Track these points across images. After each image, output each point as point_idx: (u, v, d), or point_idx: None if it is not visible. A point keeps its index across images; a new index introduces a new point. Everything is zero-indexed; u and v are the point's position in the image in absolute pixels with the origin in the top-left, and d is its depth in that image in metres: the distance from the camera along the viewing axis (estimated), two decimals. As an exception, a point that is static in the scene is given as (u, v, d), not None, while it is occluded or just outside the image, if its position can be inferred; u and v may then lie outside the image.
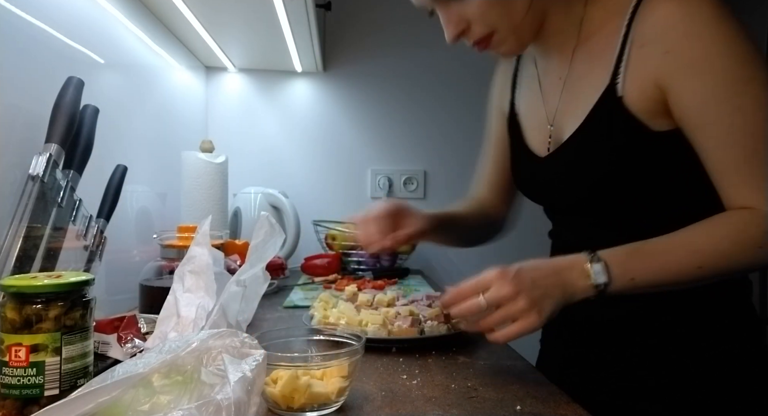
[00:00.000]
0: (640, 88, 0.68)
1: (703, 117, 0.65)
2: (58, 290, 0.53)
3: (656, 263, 0.65)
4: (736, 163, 0.64)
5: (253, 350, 0.47)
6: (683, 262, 0.65)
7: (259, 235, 0.61)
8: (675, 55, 0.65)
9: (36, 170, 0.73)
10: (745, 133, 0.63)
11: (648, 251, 0.66)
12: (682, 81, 0.65)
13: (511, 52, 0.78)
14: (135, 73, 1.24)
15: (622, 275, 0.64)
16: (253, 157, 1.87)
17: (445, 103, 1.95)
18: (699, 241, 0.65)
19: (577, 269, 0.65)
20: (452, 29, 0.74)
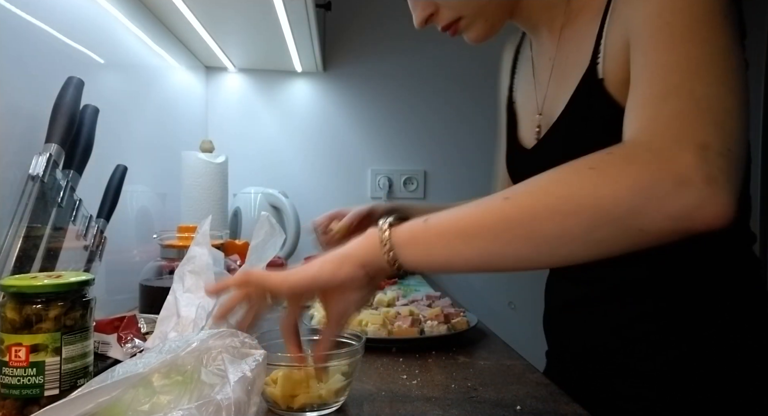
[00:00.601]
0: (615, 59, 0.58)
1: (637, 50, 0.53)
2: (58, 290, 0.53)
3: (459, 207, 0.51)
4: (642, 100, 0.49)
5: (253, 350, 0.47)
6: (488, 198, 0.50)
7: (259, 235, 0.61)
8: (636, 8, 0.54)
9: (36, 170, 0.73)
10: (666, 48, 0.49)
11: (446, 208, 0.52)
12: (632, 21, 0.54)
13: (482, 36, 0.70)
14: (135, 73, 1.24)
15: (414, 219, 0.52)
16: (253, 157, 1.87)
17: (445, 103, 1.95)
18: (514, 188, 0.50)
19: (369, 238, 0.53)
20: (420, 13, 0.70)
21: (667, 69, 0.48)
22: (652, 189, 0.42)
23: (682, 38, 0.49)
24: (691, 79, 0.46)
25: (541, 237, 0.46)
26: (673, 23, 0.49)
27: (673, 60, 0.48)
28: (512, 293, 1.93)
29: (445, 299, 1.03)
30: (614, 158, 0.44)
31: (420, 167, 1.95)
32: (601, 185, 0.43)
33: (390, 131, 1.94)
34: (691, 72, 0.47)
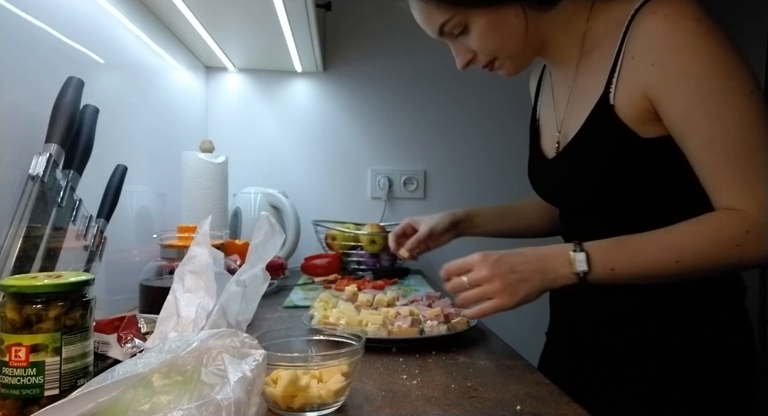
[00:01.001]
0: (630, 98, 0.72)
1: (686, 125, 0.68)
2: (58, 290, 0.53)
3: (636, 255, 0.70)
4: (718, 168, 0.67)
5: (253, 350, 0.47)
6: (661, 255, 0.69)
7: (259, 235, 0.61)
8: (660, 67, 0.68)
9: (36, 170, 0.73)
10: (725, 140, 0.66)
11: (629, 244, 0.71)
12: (667, 92, 0.69)
13: (513, 73, 0.85)
14: (135, 73, 1.24)
15: (602, 265, 0.70)
16: (253, 157, 1.87)
17: (445, 103, 1.95)
18: (678, 236, 0.69)
19: (561, 257, 0.72)
20: (461, 59, 0.84)
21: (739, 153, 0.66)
22: None
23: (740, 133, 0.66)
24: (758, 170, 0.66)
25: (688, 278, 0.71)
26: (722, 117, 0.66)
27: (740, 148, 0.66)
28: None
29: (445, 300, 1.03)
30: (752, 237, 0.65)
31: (420, 167, 1.95)
32: (743, 259, 0.67)
33: (390, 131, 1.94)
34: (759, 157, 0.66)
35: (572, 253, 0.71)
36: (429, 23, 0.82)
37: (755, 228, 0.65)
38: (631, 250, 0.70)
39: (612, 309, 0.81)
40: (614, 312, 0.81)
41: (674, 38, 0.67)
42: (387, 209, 1.92)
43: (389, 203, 1.93)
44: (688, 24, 0.67)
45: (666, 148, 0.71)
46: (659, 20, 0.68)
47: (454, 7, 0.77)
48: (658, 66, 0.69)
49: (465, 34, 0.80)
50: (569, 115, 0.84)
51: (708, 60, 0.66)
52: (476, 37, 0.79)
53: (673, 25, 0.68)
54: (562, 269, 0.72)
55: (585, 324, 0.86)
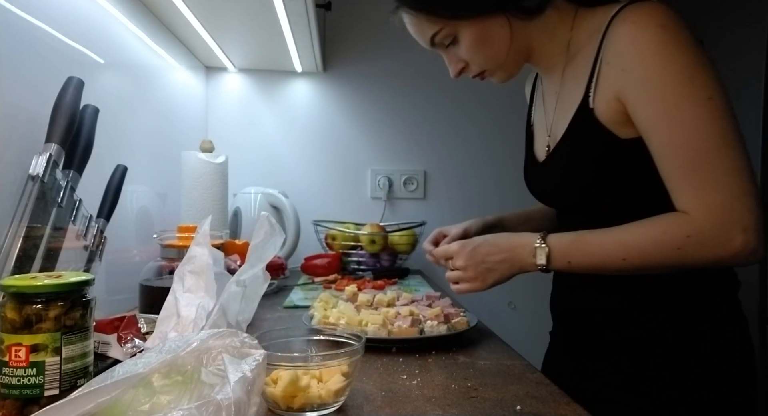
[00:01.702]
0: (606, 101, 0.75)
1: (648, 129, 0.72)
2: (58, 290, 0.53)
3: (590, 250, 0.76)
4: (673, 172, 0.70)
5: (253, 350, 0.47)
6: (611, 253, 0.74)
7: (259, 235, 0.61)
8: (628, 72, 0.72)
9: (36, 170, 0.73)
10: (680, 145, 0.69)
11: (586, 240, 0.77)
12: (634, 96, 0.72)
13: (503, 80, 0.90)
14: (135, 73, 1.24)
15: (560, 259, 0.78)
16: (253, 157, 1.87)
17: (445, 103, 1.95)
18: (628, 236, 0.73)
19: (527, 248, 0.80)
20: (453, 68, 0.90)
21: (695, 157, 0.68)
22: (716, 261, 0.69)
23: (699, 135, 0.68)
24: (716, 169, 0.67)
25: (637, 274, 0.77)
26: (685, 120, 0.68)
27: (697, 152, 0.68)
28: (512, 294, 1.93)
29: (445, 299, 1.03)
30: (692, 242, 0.68)
31: (420, 167, 1.95)
32: (685, 261, 0.70)
33: (390, 131, 1.94)
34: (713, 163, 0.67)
35: (536, 247, 0.79)
36: (420, 35, 0.88)
37: (697, 234, 0.68)
38: (586, 246, 0.76)
39: (609, 307, 0.82)
40: (611, 310, 0.82)
41: (639, 45, 0.70)
42: (387, 209, 1.92)
43: (389, 203, 1.93)
44: (653, 31, 0.69)
45: (642, 148, 0.74)
46: (628, 27, 0.72)
47: (442, 19, 0.82)
48: (626, 71, 0.72)
49: (455, 44, 0.85)
50: (557, 119, 0.87)
51: (669, 67, 0.69)
52: (465, 47, 0.83)
53: (639, 32, 0.70)
54: (527, 260, 0.80)
55: (583, 323, 0.87)
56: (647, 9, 0.71)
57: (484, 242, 0.84)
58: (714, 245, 0.68)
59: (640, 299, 0.80)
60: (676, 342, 0.77)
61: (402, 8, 0.87)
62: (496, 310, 1.91)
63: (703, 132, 0.68)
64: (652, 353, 0.78)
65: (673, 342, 0.77)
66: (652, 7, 0.71)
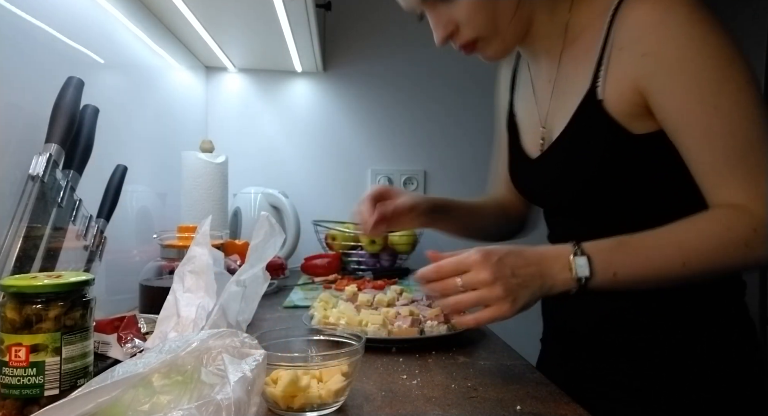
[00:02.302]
0: (619, 91, 0.68)
1: (682, 119, 0.65)
2: (58, 290, 0.53)
3: (640, 258, 0.64)
4: (716, 163, 0.64)
5: (253, 350, 0.47)
6: (668, 258, 0.64)
7: (259, 235, 0.61)
8: (652, 57, 0.65)
9: (36, 170, 0.73)
10: (723, 133, 0.63)
11: (633, 246, 0.65)
12: (660, 84, 0.65)
13: (496, 56, 0.78)
14: (135, 73, 1.24)
15: (604, 270, 0.64)
16: (253, 157, 1.86)
17: (445, 103, 1.95)
18: (685, 237, 0.64)
19: (560, 261, 0.64)
20: (441, 31, 0.75)
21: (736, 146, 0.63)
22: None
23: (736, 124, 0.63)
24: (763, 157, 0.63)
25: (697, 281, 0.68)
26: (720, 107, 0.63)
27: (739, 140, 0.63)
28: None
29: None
30: (761, 236, 0.62)
31: (420, 167, 1.95)
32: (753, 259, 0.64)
33: (390, 131, 1.94)
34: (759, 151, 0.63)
35: (572, 257, 0.64)
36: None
37: (762, 226, 0.62)
38: (635, 253, 0.64)
39: (609, 311, 0.78)
40: (612, 314, 0.78)
41: (666, 27, 0.63)
42: (387, 209, 1.92)
43: (389, 203, 1.93)
44: (681, 11, 0.63)
45: (657, 144, 0.68)
46: (649, 8, 0.65)
47: None
48: (651, 56, 0.65)
49: (450, 1, 0.72)
50: (553, 110, 0.79)
51: (704, 49, 0.63)
52: (466, 4, 0.72)
53: (665, 13, 0.64)
54: (560, 275, 0.64)
55: (582, 328, 0.83)
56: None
57: (509, 252, 0.64)
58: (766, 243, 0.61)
59: (645, 303, 0.75)
60: (682, 346, 0.73)
61: None
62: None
63: (747, 120, 0.62)
64: (657, 357, 0.74)
65: (679, 346, 0.73)
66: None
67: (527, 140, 0.86)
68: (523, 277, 0.63)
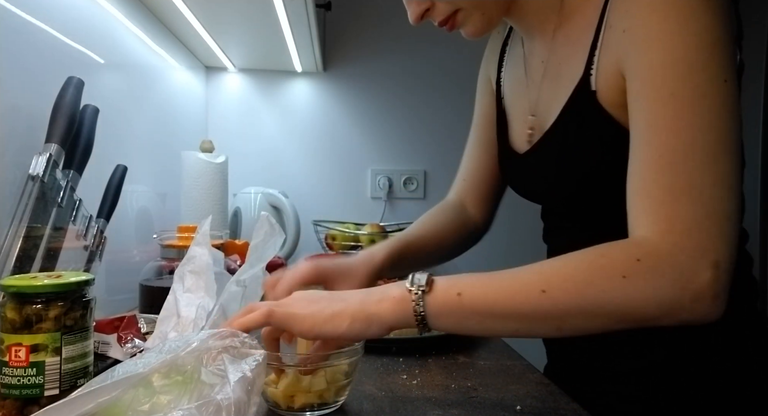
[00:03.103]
0: (608, 78, 0.59)
1: (634, 103, 0.54)
2: (58, 290, 0.53)
3: (493, 280, 0.53)
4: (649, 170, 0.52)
5: (253, 350, 0.47)
6: (524, 282, 0.52)
7: (259, 235, 0.61)
8: (631, 32, 0.55)
9: (36, 170, 0.73)
10: (668, 129, 0.51)
11: (489, 273, 0.54)
12: (631, 60, 0.55)
13: (479, 31, 0.68)
14: (135, 73, 1.24)
15: (447, 287, 0.53)
16: (253, 157, 1.87)
17: (445, 103, 1.95)
18: (549, 264, 0.53)
19: (396, 283, 0.56)
20: (415, 8, 0.67)
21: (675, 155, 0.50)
22: (673, 304, 0.48)
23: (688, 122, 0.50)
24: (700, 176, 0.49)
25: (569, 327, 0.52)
26: (678, 96, 0.51)
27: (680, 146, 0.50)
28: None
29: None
30: (643, 268, 0.49)
31: (420, 167, 1.95)
32: (632, 297, 0.49)
33: (390, 131, 1.94)
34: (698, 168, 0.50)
35: (412, 274, 0.54)
36: None
37: (651, 257, 0.49)
38: (489, 276, 0.54)
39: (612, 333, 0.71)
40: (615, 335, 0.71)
41: None
42: (387, 209, 1.92)
43: (389, 203, 1.93)
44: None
45: None
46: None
47: None
48: (629, 31, 0.55)
49: None
50: (544, 97, 0.70)
51: (683, 26, 0.51)
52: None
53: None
54: (388, 292, 0.55)
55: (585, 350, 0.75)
56: None
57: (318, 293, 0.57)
58: (673, 278, 0.48)
59: None
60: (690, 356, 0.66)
61: None
62: (496, 310, 1.90)
63: (707, 125, 0.50)
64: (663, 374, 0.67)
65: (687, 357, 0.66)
66: None
67: (515, 130, 0.78)
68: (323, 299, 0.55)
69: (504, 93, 0.82)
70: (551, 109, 0.68)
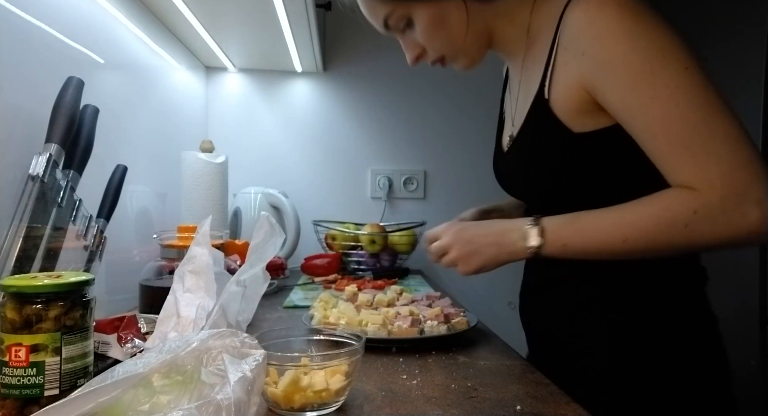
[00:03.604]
0: (566, 90, 0.71)
1: (625, 112, 0.67)
2: (58, 290, 0.53)
3: (587, 232, 0.71)
4: (663, 151, 0.65)
5: (253, 350, 0.47)
6: (610, 233, 0.69)
7: (259, 235, 0.61)
8: (590, 56, 0.67)
9: (36, 170, 0.73)
10: (664, 121, 0.64)
11: (582, 221, 0.71)
12: (601, 80, 0.67)
13: (466, 68, 0.84)
14: (135, 73, 1.24)
15: (555, 241, 0.72)
16: (253, 157, 1.87)
17: (445, 103, 1.95)
18: (627, 216, 0.68)
19: (517, 231, 0.74)
20: (410, 54, 0.85)
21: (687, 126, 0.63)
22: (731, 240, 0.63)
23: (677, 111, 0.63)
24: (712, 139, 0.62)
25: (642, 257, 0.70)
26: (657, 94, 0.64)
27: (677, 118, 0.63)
28: (512, 294, 1.92)
29: (445, 299, 1.03)
30: (700, 218, 0.63)
31: (420, 167, 1.96)
32: (694, 240, 0.64)
33: (390, 131, 1.94)
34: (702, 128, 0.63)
35: (527, 227, 0.73)
36: (374, 17, 0.83)
37: (705, 208, 0.62)
38: (583, 227, 0.71)
39: (574, 305, 0.80)
40: (574, 307, 0.80)
41: (597, 26, 0.66)
42: (387, 209, 1.92)
43: (389, 203, 1.93)
44: (609, 10, 0.65)
45: (602, 141, 0.71)
46: (583, 9, 0.67)
47: (394, 0, 0.78)
48: (588, 55, 0.67)
49: (410, 28, 0.80)
50: (518, 109, 0.84)
51: (633, 43, 0.64)
52: (420, 31, 0.79)
53: (595, 13, 0.66)
54: (517, 243, 0.74)
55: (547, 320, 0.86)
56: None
57: (474, 224, 0.80)
58: (726, 222, 0.62)
59: (607, 295, 0.77)
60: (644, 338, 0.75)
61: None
62: (496, 310, 1.90)
63: (686, 103, 0.62)
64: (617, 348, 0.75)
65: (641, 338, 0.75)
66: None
67: (504, 136, 0.91)
68: (478, 245, 0.78)
69: (504, 108, 0.96)
70: (521, 118, 0.82)
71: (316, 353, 0.64)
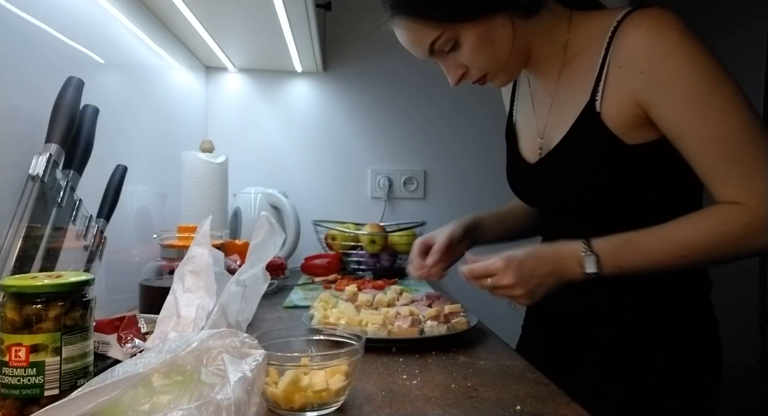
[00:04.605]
0: (618, 104, 0.76)
1: (679, 129, 0.73)
2: (58, 290, 0.53)
3: (643, 253, 0.75)
4: (714, 166, 0.72)
5: (253, 350, 0.47)
6: (667, 252, 0.74)
7: (259, 235, 0.61)
8: (648, 75, 0.73)
9: (36, 170, 0.73)
10: (715, 139, 0.70)
11: (637, 243, 0.75)
12: (657, 99, 0.73)
13: (504, 84, 0.88)
14: (135, 73, 1.24)
15: (611, 265, 0.75)
16: (253, 157, 1.87)
17: (445, 103, 1.95)
18: (683, 233, 0.73)
19: (573, 259, 0.77)
20: (453, 75, 0.86)
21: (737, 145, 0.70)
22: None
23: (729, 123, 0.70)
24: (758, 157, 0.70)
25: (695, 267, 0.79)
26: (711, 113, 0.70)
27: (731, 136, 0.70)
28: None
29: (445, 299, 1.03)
30: (753, 230, 0.70)
31: (420, 167, 1.95)
32: (744, 251, 0.72)
33: (390, 131, 1.94)
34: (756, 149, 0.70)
35: (583, 255, 0.76)
36: (419, 43, 0.82)
37: (756, 220, 0.69)
38: (638, 249, 0.75)
39: (584, 305, 0.84)
40: (587, 308, 0.85)
41: (661, 48, 0.72)
42: (387, 209, 1.92)
43: (389, 203, 1.93)
44: (672, 34, 0.71)
45: (650, 154, 0.76)
46: (644, 31, 0.73)
47: (443, 23, 0.78)
48: (647, 74, 0.72)
49: (455, 49, 0.81)
50: (552, 122, 0.87)
51: (693, 67, 0.70)
52: (468, 51, 0.80)
53: (659, 35, 0.72)
54: (574, 271, 0.77)
55: (562, 321, 0.90)
56: (659, 13, 0.73)
57: (528, 256, 0.79)
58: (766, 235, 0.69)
59: (618, 299, 0.82)
60: (647, 340, 0.80)
61: (397, 17, 0.81)
62: (496, 310, 1.90)
63: (738, 125, 0.70)
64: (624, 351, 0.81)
65: (646, 341, 0.80)
66: (663, 12, 0.73)
67: (525, 148, 0.94)
68: (540, 277, 0.78)
69: (516, 119, 0.99)
70: (558, 130, 0.84)
71: (316, 353, 0.64)
